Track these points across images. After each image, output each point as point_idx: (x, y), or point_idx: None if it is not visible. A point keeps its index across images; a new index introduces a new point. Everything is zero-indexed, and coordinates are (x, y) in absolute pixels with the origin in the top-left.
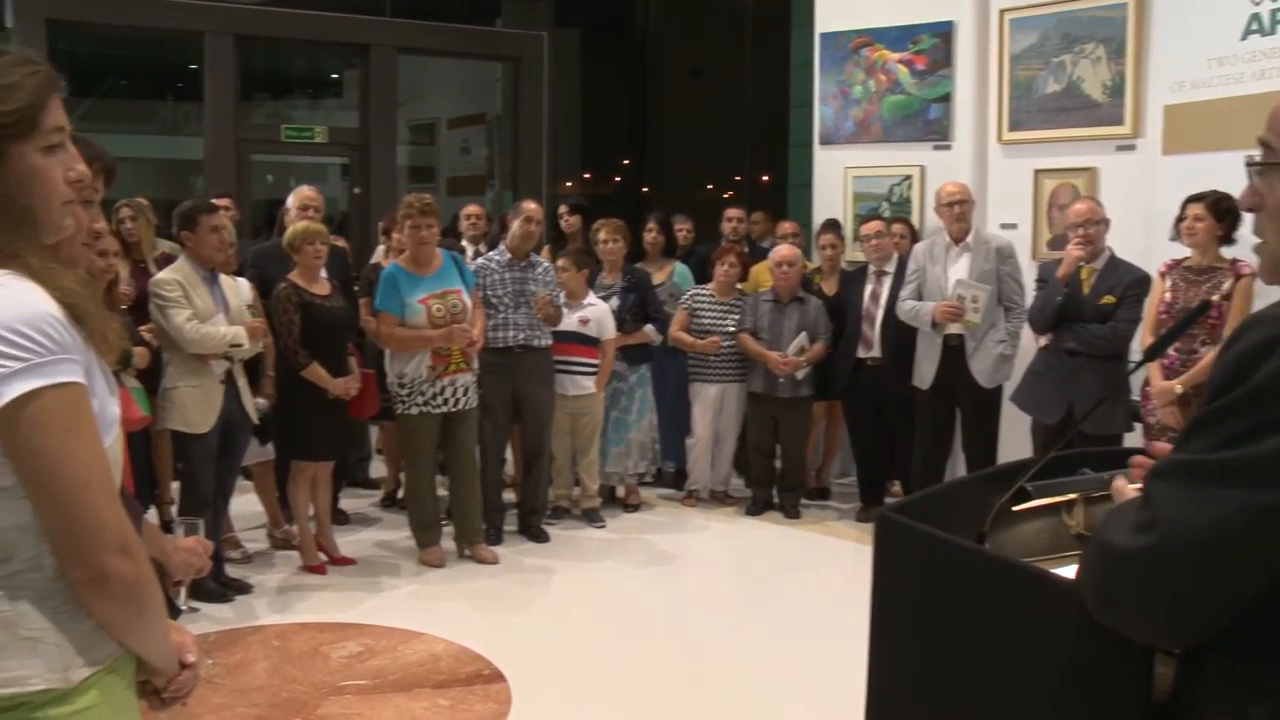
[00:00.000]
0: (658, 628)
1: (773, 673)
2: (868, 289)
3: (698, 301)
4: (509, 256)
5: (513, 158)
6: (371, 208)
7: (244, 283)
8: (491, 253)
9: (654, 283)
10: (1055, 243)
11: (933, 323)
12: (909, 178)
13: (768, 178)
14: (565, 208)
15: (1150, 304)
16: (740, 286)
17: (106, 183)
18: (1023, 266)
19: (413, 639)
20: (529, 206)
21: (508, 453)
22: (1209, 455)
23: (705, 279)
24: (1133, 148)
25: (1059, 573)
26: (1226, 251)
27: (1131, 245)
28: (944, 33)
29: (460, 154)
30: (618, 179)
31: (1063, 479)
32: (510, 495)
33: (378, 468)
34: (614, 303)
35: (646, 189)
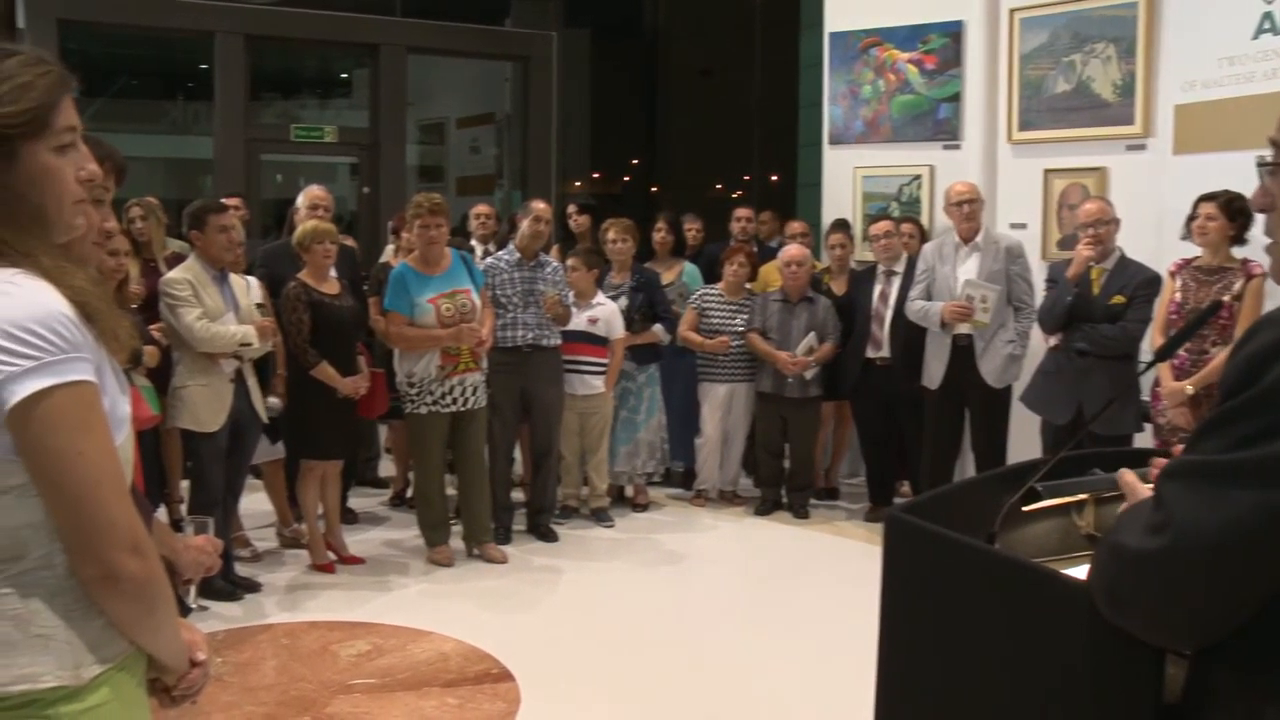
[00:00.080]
0: (666, 627)
1: (781, 673)
2: (877, 289)
3: (707, 301)
4: (518, 256)
5: (522, 157)
6: (381, 207)
7: (254, 282)
8: (500, 252)
9: (663, 282)
10: (1065, 243)
11: (942, 323)
12: (918, 177)
13: (777, 177)
14: (574, 207)
15: (1160, 304)
16: (749, 286)
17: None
18: (1032, 266)
19: (421, 638)
20: (538, 206)
21: (516, 452)
22: (1221, 456)
23: (714, 279)
24: (1143, 147)
25: (1069, 573)
26: (1237, 252)
27: (1142, 245)
28: (954, 32)
29: (469, 154)
30: (627, 179)
31: (1073, 479)
32: (519, 494)
33: (386, 467)
34: (623, 302)
35: (655, 189)
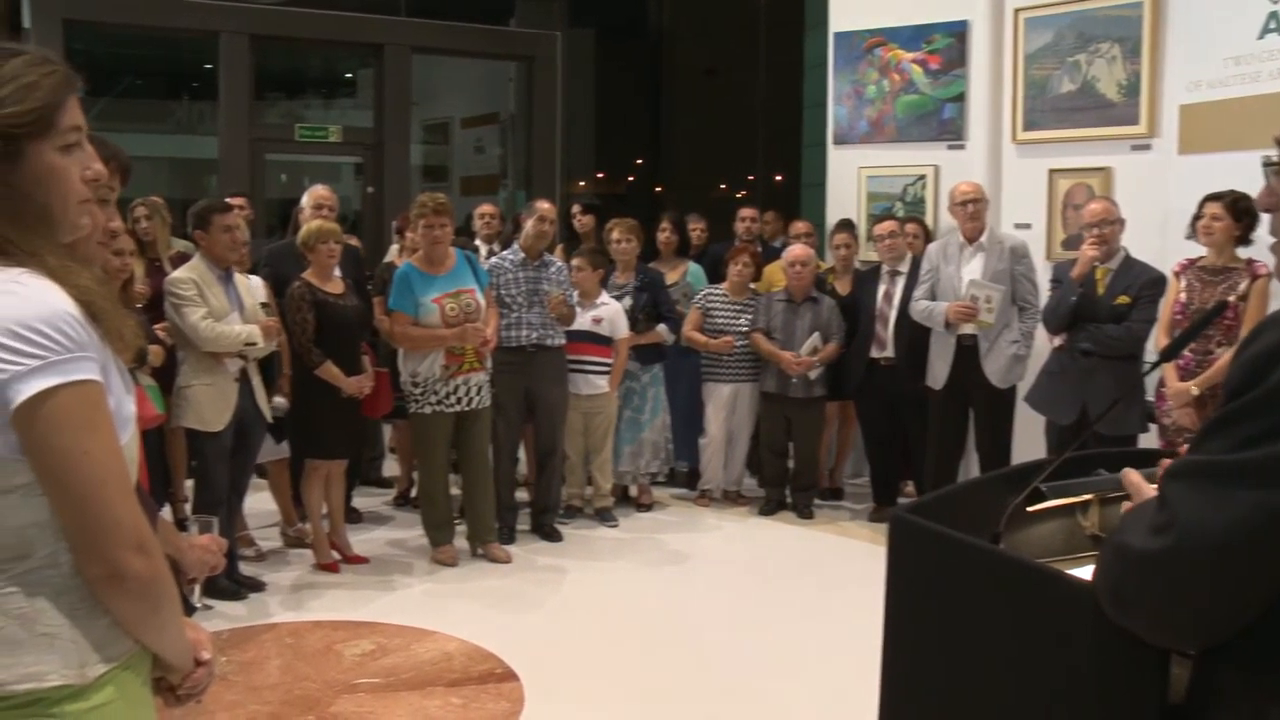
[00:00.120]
0: (670, 627)
1: (785, 673)
2: (881, 289)
3: (711, 301)
4: (522, 256)
5: (526, 157)
6: (385, 207)
7: (258, 281)
8: (505, 252)
9: (667, 282)
10: (1070, 243)
11: (946, 323)
12: (923, 177)
13: (781, 177)
14: (578, 207)
15: (1165, 304)
16: (754, 286)
17: (122, 182)
18: (1037, 266)
19: (425, 637)
20: (542, 206)
21: (521, 452)
22: (1225, 456)
23: (718, 279)
24: (1148, 147)
25: (1074, 574)
26: (1242, 252)
27: (1146, 245)
28: (958, 32)
29: (474, 153)
30: (631, 179)
31: (1078, 480)
32: (523, 494)
33: (391, 466)
34: (627, 302)
35: (660, 189)
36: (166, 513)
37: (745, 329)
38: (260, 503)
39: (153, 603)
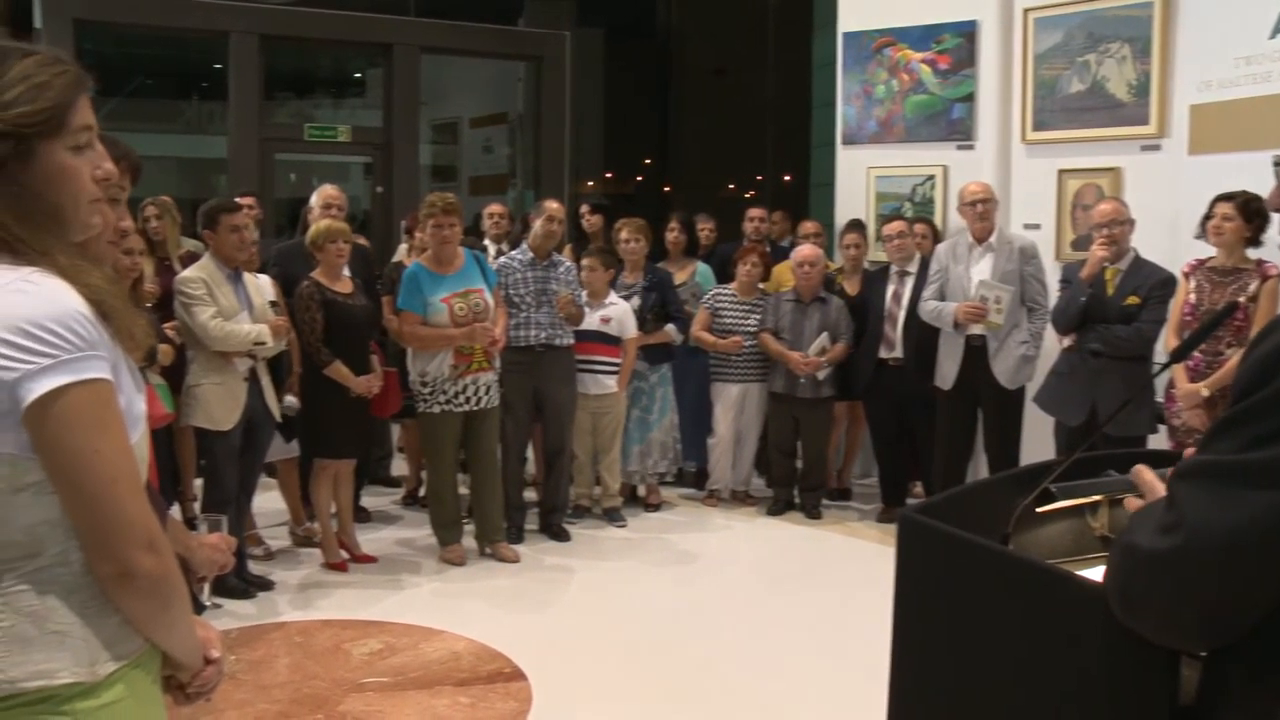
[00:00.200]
0: (678, 627)
1: (793, 673)
2: (890, 289)
3: (719, 301)
4: (531, 255)
5: (535, 157)
6: (394, 206)
7: (267, 280)
8: (514, 252)
9: (676, 282)
10: (1079, 243)
11: (955, 323)
12: (932, 178)
13: (790, 177)
14: (587, 207)
15: (1175, 305)
16: (762, 286)
17: (133, 181)
18: (1046, 267)
19: (434, 637)
20: (551, 206)
21: (529, 451)
22: (1234, 456)
23: (727, 279)
24: (1158, 148)
25: (1083, 575)
26: (1252, 253)
27: (1156, 246)
28: (967, 32)
29: (482, 153)
30: (639, 178)
31: (1087, 480)
32: (531, 494)
33: (399, 466)
34: (635, 302)
35: (668, 188)
36: (176, 511)
37: (753, 329)
38: (269, 502)
39: (163, 601)
